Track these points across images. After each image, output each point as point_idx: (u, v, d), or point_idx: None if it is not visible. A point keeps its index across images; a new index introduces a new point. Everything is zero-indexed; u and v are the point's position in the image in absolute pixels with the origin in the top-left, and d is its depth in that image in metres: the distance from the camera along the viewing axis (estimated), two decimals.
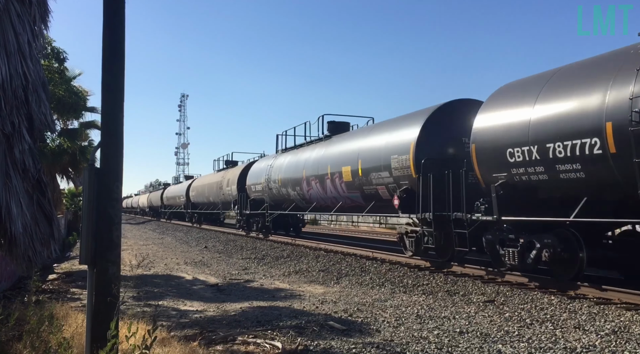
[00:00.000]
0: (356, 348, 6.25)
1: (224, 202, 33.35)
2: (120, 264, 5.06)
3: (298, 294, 10.50)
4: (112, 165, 4.89)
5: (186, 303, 9.73)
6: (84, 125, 23.05)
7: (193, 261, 17.26)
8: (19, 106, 4.79)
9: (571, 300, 8.92)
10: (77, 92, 21.07)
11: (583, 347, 6.21)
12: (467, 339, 6.63)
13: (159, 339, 5.26)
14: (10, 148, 4.67)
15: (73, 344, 5.06)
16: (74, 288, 11.32)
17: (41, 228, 5.11)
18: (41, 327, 5.63)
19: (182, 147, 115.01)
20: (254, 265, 16.17)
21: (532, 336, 6.76)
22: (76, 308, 8.31)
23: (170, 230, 38.66)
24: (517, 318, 7.88)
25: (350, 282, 12.22)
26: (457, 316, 8.12)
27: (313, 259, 16.36)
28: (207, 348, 6.24)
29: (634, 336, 6.65)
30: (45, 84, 5.76)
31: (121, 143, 4.97)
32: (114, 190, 4.86)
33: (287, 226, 26.69)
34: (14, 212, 4.48)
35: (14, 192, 4.57)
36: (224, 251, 21.09)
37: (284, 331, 7.08)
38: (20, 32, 4.92)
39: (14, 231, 4.46)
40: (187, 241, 27.38)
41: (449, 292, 10.32)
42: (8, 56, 4.60)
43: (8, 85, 4.52)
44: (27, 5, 5.32)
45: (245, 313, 8.66)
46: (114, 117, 4.93)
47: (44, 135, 6.46)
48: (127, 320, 6.30)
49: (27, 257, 4.80)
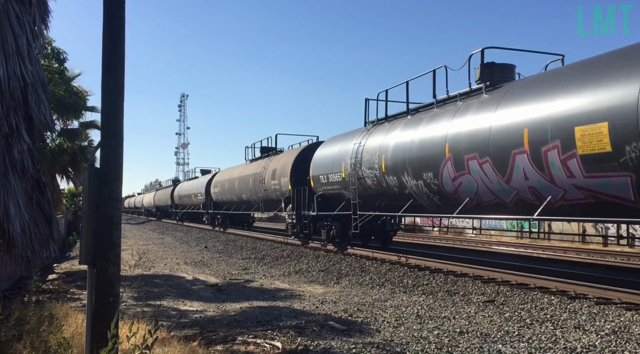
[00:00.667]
0: (356, 348, 6.25)
1: (267, 201, 25.08)
2: (120, 264, 5.06)
3: (298, 294, 10.50)
4: (112, 165, 4.89)
5: (186, 303, 9.73)
6: (84, 125, 23.04)
7: (193, 261, 17.26)
8: (17, 107, 4.79)
9: (571, 300, 8.92)
10: (77, 92, 21.04)
11: (583, 347, 6.21)
12: (467, 339, 6.63)
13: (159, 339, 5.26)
14: (8, 149, 4.67)
15: (73, 344, 5.05)
16: (74, 288, 11.32)
17: (40, 228, 5.10)
18: (41, 327, 5.62)
19: (182, 147, 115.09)
20: (254, 265, 16.17)
21: (532, 336, 6.76)
22: (76, 308, 8.31)
23: (170, 230, 38.64)
24: (517, 318, 7.88)
25: (350, 282, 12.22)
26: (457, 316, 8.12)
27: (313, 259, 16.36)
28: (207, 348, 6.24)
29: (634, 336, 6.65)
30: (45, 85, 5.76)
31: (121, 143, 4.97)
32: (114, 190, 4.87)
33: (371, 233, 18.73)
34: (11, 213, 4.48)
35: (12, 193, 4.56)
36: (224, 251, 21.09)
37: (284, 331, 7.08)
38: (19, 33, 4.92)
39: (11, 231, 4.45)
40: (187, 241, 27.38)
41: (449, 292, 10.32)
42: (6, 58, 4.60)
43: (6, 86, 4.52)
44: (27, 6, 5.32)
45: (245, 313, 8.66)
46: (114, 117, 4.93)
47: (44, 135, 6.45)
48: (127, 320, 6.30)
49: (25, 258, 4.80)
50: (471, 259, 13.90)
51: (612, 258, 16.92)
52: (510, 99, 10.48)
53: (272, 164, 24.43)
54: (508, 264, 13.31)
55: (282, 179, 22.44)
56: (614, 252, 18.77)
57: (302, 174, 20.50)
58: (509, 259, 15.78)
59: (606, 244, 23.64)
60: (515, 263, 14.07)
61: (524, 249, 19.86)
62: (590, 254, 18.18)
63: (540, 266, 13.52)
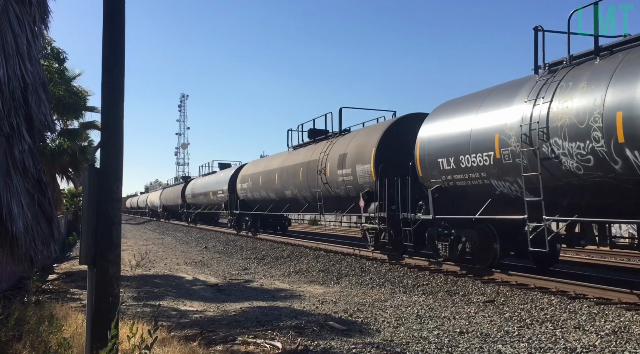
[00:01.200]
0: (356, 348, 6.25)
1: (330, 198, 18.83)
2: (120, 264, 5.06)
3: (298, 294, 10.50)
4: (112, 165, 4.90)
5: (186, 303, 9.73)
6: (84, 125, 23.08)
7: (193, 261, 17.26)
8: (18, 107, 4.79)
9: (571, 300, 8.92)
10: (77, 92, 21.08)
11: (583, 347, 6.21)
12: (467, 340, 6.63)
13: (159, 339, 5.26)
14: (10, 148, 4.67)
15: (73, 344, 5.05)
16: (74, 288, 11.32)
17: (42, 228, 5.11)
18: (41, 327, 5.63)
19: (182, 148, 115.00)
20: (254, 265, 16.17)
21: (532, 336, 6.76)
22: (76, 308, 8.31)
23: (170, 230, 38.64)
24: (517, 318, 7.88)
25: (350, 282, 12.22)
26: (457, 316, 8.13)
27: (313, 259, 16.35)
28: (207, 348, 6.24)
29: (634, 336, 6.65)
30: (45, 85, 5.76)
31: (121, 143, 4.97)
32: (114, 190, 4.87)
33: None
34: (14, 212, 4.48)
35: (15, 192, 4.57)
36: (224, 251, 21.09)
37: (284, 331, 7.08)
38: (19, 33, 4.92)
39: (15, 230, 4.46)
40: (187, 241, 27.38)
41: (449, 292, 10.32)
42: (6, 58, 4.60)
43: (6, 86, 4.52)
44: (26, 6, 5.32)
45: (245, 313, 8.67)
46: (114, 117, 4.94)
47: (44, 135, 6.45)
48: (127, 320, 6.30)
49: (29, 257, 4.80)
50: (517, 265, 13.63)
51: (612, 258, 16.91)
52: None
53: (336, 148, 18.42)
54: (508, 264, 13.29)
55: (359, 167, 16.27)
56: (614, 253, 18.75)
57: (392, 161, 14.99)
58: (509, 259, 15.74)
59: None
60: (516, 263, 14.06)
61: None
62: (590, 254, 18.17)
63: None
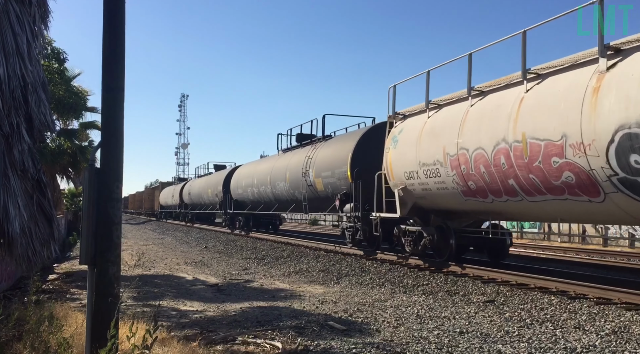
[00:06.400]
0: (356, 348, 6.25)
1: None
2: (120, 264, 5.06)
3: (298, 295, 10.50)
4: (112, 165, 4.89)
5: (186, 303, 9.73)
6: (84, 125, 23.10)
7: (193, 261, 17.26)
8: (18, 106, 4.80)
9: (571, 300, 8.92)
10: (77, 92, 21.10)
11: (583, 347, 6.21)
12: (467, 340, 6.63)
13: (159, 339, 5.26)
14: (9, 148, 4.67)
15: (73, 344, 5.05)
16: (74, 288, 11.32)
17: (41, 228, 5.11)
18: (41, 327, 5.63)
19: (182, 147, 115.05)
20: (254, 265, 16.17)
21: (532, 336, 6.76)
22: (76, 308, 8.31)
23: (170, 230, 38.63)
24: (517, 318, 7.88)
25: (350, 282, 12.22)
26: (457, 316, 8.12)
27: (313, 259, 16.35)
28: (207, 348, 6.23)
29: (634, 336, 6.65)
30: (45, 85, 5.77)
31: (121, 143, 4.97)
32: (114, 190, 4.87)
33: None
34: (11, 213, 4.48)
35: (12, 193, 4.57)
36: (224, 251, 21.09)
37: (284, 331, 7.07)
38: (19, 33, 4.92)
39: (11, 231, 4.46)
40: (187, 241, 27.38)
41: (449, 292, 10.32)
42: (6, 57, 4.61)
43: (6, 86, 4.52)
44: (26, 6, 5.32)
45: (245, 313, 8.66)
46: (114, 117, 4.93)
47: (44, 135, 6.45)
48: (127, 320, 6.30)
49: (26, 258, 4.81)
50: (471, 259, 13.90)
51: (612, 258, 16.92)
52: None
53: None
54: (508, 264, 13.33)
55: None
56: (614, 253, 18.77)
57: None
58: (509, 259, 15.78)
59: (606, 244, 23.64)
60: (515, 263, 14.07)
61: (524, 249, 19.86)
62: (590, 254, 18.18)
63: (540, 266, 13.52)
